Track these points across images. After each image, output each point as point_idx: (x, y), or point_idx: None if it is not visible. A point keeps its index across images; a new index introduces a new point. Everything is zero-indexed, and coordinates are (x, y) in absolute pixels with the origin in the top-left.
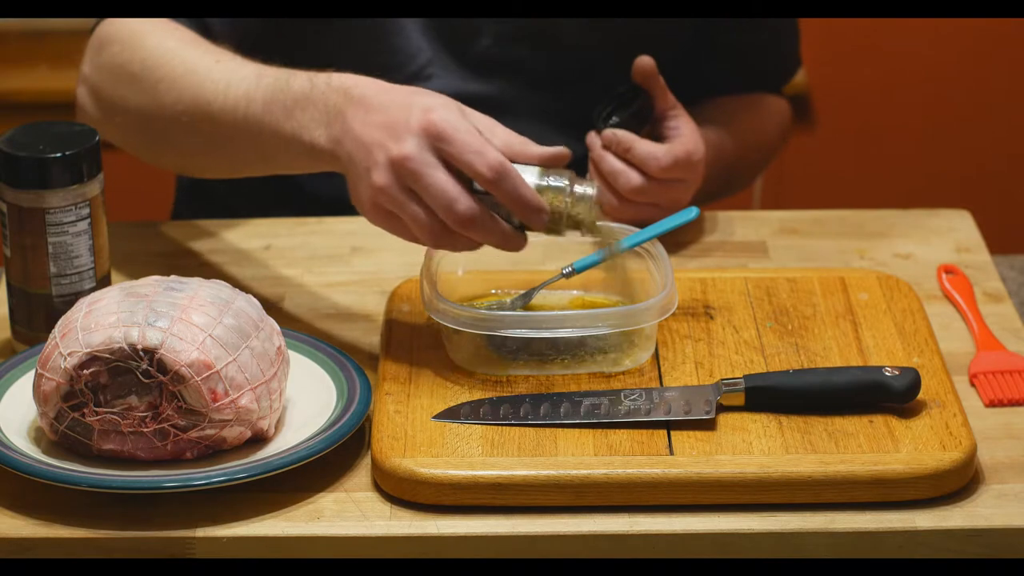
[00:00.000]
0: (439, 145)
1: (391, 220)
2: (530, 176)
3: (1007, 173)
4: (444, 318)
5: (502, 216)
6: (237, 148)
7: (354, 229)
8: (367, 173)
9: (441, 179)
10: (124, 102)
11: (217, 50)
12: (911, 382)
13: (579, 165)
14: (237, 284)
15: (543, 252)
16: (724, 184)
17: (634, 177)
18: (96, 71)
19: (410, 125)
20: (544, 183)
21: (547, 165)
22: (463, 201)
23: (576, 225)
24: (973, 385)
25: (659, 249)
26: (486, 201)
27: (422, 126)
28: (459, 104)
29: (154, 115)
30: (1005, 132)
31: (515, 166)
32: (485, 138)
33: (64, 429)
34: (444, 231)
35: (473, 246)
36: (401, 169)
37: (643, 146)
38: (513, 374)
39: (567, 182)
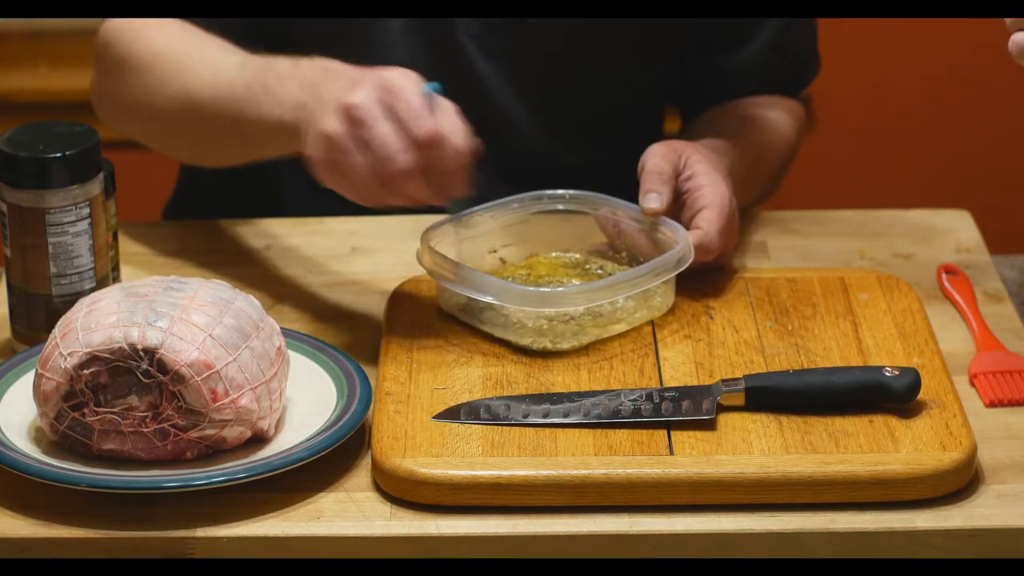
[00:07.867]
0: (387, 99)
1: (335, 172)
2: None
3: (1007, 173)
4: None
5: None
6: (223, 136)
7: (354, 229)
8: (319, 121)
9: (385, 129)
10: (126, 104)
11: (209, 44)
12: (911, 382)
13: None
14: (237, 284)
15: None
16: (755, 198)
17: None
18: (99, 76)
19: (364, 82)
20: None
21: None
22: (402, 155)
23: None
24: (973, 385)
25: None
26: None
27: (376, 81)
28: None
29: (154, 114)
30: (1005, 132)
31: None
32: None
33: (64, 429)
34: (380, 185)
35: (403, 202)
36: (350, 116)
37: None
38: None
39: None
